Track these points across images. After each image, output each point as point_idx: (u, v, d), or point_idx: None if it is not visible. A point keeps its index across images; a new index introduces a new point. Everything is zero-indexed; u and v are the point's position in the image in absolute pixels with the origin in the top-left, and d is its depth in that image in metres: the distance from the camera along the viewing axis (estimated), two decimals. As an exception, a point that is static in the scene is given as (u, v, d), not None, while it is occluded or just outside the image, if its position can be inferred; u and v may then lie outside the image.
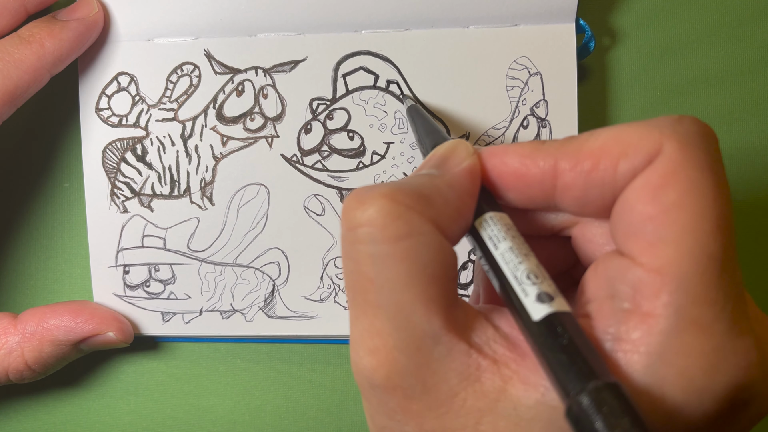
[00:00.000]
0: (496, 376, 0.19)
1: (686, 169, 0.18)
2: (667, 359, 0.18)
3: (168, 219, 0.33)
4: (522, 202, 0.21)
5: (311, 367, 0.35)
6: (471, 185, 0.21)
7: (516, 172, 0.21)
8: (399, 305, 0.19)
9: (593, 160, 0.19)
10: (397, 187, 0.19)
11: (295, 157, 0.33)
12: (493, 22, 0.31)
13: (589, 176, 0.19)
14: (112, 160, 0.33)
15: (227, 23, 0.32)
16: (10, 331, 0.31)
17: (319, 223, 0.33)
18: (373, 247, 0.19)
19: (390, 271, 0.19)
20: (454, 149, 0.22)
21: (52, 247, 0.35)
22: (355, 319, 0.20)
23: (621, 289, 0.19)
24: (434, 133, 0.26)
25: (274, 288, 0.33)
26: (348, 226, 0.19)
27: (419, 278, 0.19)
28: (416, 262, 0.19)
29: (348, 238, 0.19)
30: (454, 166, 0.21)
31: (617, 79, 0.34)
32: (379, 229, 0.19)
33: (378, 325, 0.19)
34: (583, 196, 0.20)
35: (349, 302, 0.20)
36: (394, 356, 0.19)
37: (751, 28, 0.33)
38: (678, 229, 0.18)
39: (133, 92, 0.33)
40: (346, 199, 0.20)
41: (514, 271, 0.19)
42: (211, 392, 0.35)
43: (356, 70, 0.32)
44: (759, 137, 0.33)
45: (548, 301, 0.18)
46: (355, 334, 0.20)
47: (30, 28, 0.30)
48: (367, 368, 0.19)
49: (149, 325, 0.33)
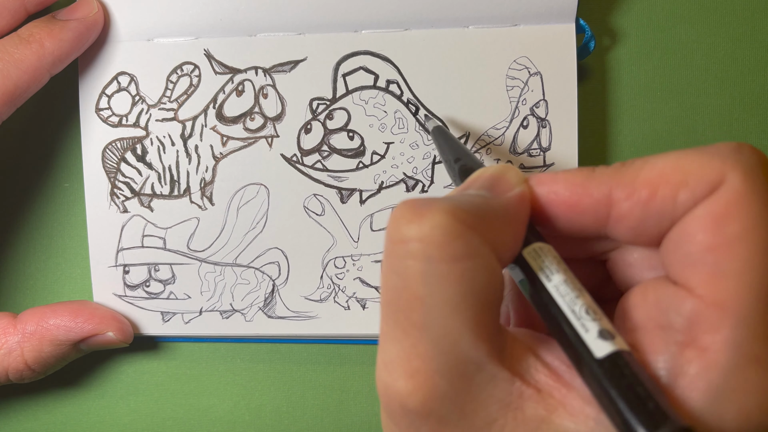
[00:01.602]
0: (539, 405, 0.18)
1: (750, 201, 0.18)
2: (726, 396, 0.17)
3: (168, 219, 0.33)
4: (571, 232, 0.21)
5: (311, 367, 0.35)
6: (523, 212, 0.20)
7: (567, 201, 0.20)
8: (447, 329, 0.18)
9: (651, 189, 0.19)
10: (456, 203, 0.19)
11: (295, 157, 0.33)
12: (493, 22, 0.31)
13: (647, 206, 0.19)
14: (112, 160, 0.33)
15: (227, 23, 0.32)
16: (9, 331, 0.31)
17: (319, 223, 0.33)
18: (427, 266, 0.18)
19: (443, 293, 0.18)
20: (504, 173, 0.21)
21: (52, 247, 0.35)
22: (392, 339, 0.19)
23: (675, 320, 0.18)
24: (465, 155, 0.26)
25: (274, 288, 0.33)
26: (398, 238, 0.18)
27: (472, 302, 0.18)
28: (471, 285, 0.18)
29: (396, 252, 0.18)
30: (506, 190, 0.20)
31: (617, 79, 0.34)
32: (437, 247, 0.18)
33: (420, 348, 0.18)
34: (639, 225, 0.19)
35: (386, 319, 0.19)
36: (435, 381, 0.18)
37: (751, 28, 0.33)
38: (741, 263, 0.17)
39: (133, 92, 0.33)
40: (396, 209, 0.19)
41: (572, 305, 0.19)
42: (211, 392, 0.35)
43: (356, 70, 0.32)
44: (759, 137, 0.33)
45: (611, 339, 0.18)
46: (391, 354, 0.19)
47: (30, 28, 0.30)
48: (403, 391, 0.18)
49: (149, 325, 0.33)
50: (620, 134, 0.34)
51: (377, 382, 0.19)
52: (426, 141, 0.32)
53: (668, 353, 0.18)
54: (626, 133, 0.34)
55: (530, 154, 0.32)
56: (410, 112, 0.32)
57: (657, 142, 0.33)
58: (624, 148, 0.33)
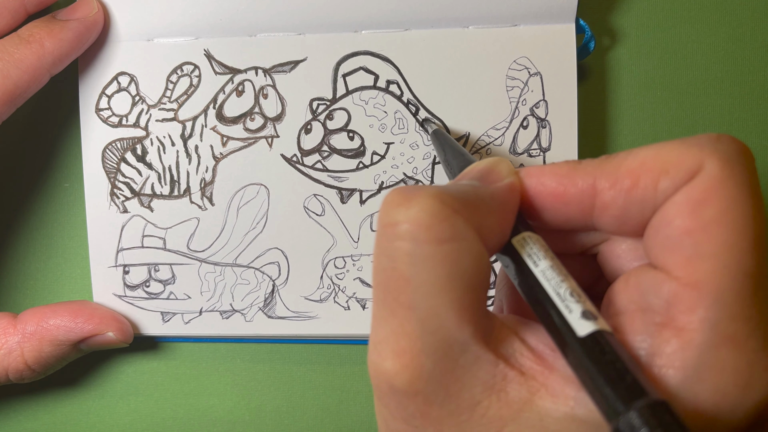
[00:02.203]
0: (522, 387, 0.19)
1: (727, 186, 0.18)
2: (701, 374, 0.18)
3: (168, 219, 0.33)
4: (558, 223, 0.21)
5: (311, 367, 0.35)
6: (512, 202, 0.21)
7: (554, 191, 0.21)
8: (433, 309, 0.18)
9: (633, 178, 0.19)
10: (444, 189, 0.19)
11: (295, 157, 0.33)
12: (493, 22, 0.31)
13: (629, 194, 0.20)
14: (112, 160, 0.33)
15: (227, 23, 0.32)
16: (9, 331, 0.31)
17: (319, 223, 0.33)
18: (413, 247, 0.18)
19: (429, 273, 0.18)
20: (495, 165, 0.22)
21: (52, 247, 0.35)
22: (381, 319, 0.19)
23: (654, 302, 0.19)
24: (462, 156, 0.26)
25: (274, 288, 0.33)
26: (388, 221, 0.19)
27: (457, 284, 0.18)
28: (456, 267, 0.18)
29: (386, 234, 0.19)
30: (496, 180, 0.21)
31: (617, 79, 0.34)
32: (423, 229, 0.18)
33: (407, 327, 0.18)
34: (623, 214, 0.20)
35: (375, 301, 0.20)
36: (421, 360, 0.18)
37: (751, 28, 0.33)
38: (717, 245, 0.18)
39: (133, 92, 0.33)
40: (388, 195, 0.19)
41: (557, 288, 0.19)
42: (211, 392, 0.35)
43: (356, 71, 0.32)
44: (759, 137, 0.33)
45: (593, 319, 0.18)
46: (380, 335, 0.19)
47: (30, 28, 0.30)
48: (390, 371, 0.19)
49: (149, 325, 0.33)
50: (620, 134, 0.34)
51: (369, 365, 0.20)
52: (426, 141, 0.32)
53: (647, 333, 0.19)
54: (626, 133, 0.34)
55: (530, 155, 0.32)
56: (410, 112, 0.32)
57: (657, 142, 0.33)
58: (624, 148, 0.33)
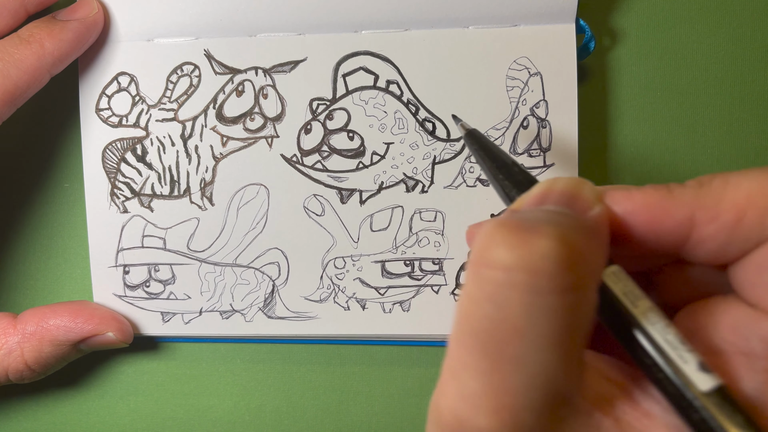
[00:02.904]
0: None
1: None
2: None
3: (168, 219, 0.33)
4: (642, 252, 0.20)
5: (311, 367, 0.35)
6: (606, 234, 0.19)
7: (646, 222, 0.19)
8: (545, 364, 0.16)
9: (737, 213, 0.18)
10: (564, 228, 0.17)
11: (295, 158, 0.33)
12: (493, 22, 0.31)
13: (733, 230, 0.18)
14: (112, 160, 0.33)
15: (227, 23, 0.32)
16: (9, 332, 0.31)
17: (319, 224, 0.33)
18: (533, 298, 0.16)
19: (547, 326, 0.16)
20: (580, 189, 0.19)
21: (52, 247, 0.35)
22: (476, 371, 0.17)
23: (757, 346, 0.18)
24: (517, 167, 0.24)
25: (274, 288, 0.33)
26: (496, 264, 0.16)
27: (573, 336, 0.17)
28: (575, 318, 0.16)
29: (494, 280, 0.16)
30: (585, 208, 0.19)
31: (617, 79, 0.34)
32: (546, 279, 0.16)
33: (512, 383, 0.17)
34: (722, 248, 0.18)
35: (468, 348, 0.17)
36: (522, 417, 0.17)
37: (751, 28, 0.33)
38: None
39: (133, 92, 0.33)
40: (490, 229, 0.17)
41: (664, 335, 0.18)
42: (211, 392, 0.35)
43: (356, 71, 0.32)
44: (759, 137, 0.33)
45: (710, 372, 0.17)
46: (473, 387, 0.17)
47: (30, 28, 0.30)
48: (484, 428, 0.17)
49: (149, 325, 0.33)
50: (620, 134, 0.34)
51: (443, 412, 0.18)
52: (426, 141, 0.32)
53: (755, 381, 0.18)
54: (626, 133, 0.34)
55: (530, 155, 0.32)
56: (410, 112, 0.32)
57: (657, 142, 0.33)
58: (624, 148, 0.33)
